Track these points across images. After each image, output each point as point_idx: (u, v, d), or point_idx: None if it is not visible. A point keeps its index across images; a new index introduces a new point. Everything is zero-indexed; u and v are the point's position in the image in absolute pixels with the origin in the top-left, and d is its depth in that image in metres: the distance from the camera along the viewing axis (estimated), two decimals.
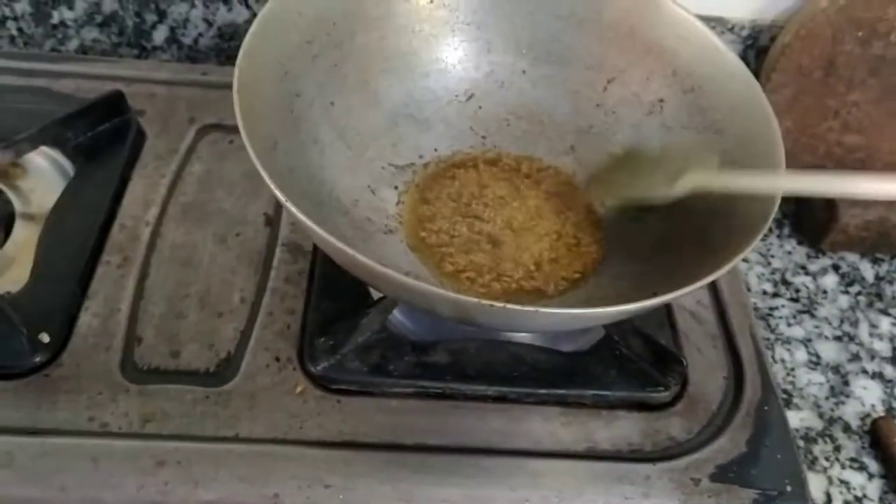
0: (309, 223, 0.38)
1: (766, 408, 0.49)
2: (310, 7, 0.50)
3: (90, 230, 0.52)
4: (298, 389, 0.47)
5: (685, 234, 0.49)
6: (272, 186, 0.39)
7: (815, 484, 0.52)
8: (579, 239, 0.53)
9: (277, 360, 0.48)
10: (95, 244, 0.52)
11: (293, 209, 0.38)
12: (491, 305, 0.37)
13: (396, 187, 0.54)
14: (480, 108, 0.57)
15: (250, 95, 0.44)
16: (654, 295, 0.40)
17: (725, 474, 0.46)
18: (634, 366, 0.49)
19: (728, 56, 0.51)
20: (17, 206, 0.54)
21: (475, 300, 0.37)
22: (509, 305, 0.37)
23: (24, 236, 0.53)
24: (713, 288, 0.55)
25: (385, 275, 0.38)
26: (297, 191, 0.43)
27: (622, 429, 0.48)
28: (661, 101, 0.54)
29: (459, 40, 0.57)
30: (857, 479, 0.53)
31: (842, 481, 0.53)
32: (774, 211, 0.43)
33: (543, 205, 0.54)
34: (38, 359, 0.46)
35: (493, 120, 0.57)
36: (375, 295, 0.50)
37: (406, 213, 0.53)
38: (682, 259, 0.46)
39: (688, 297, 0.54)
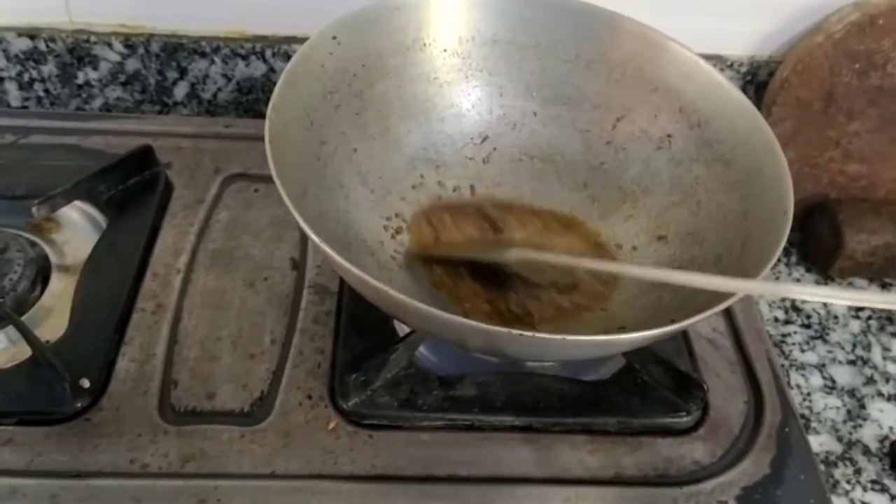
0: (346, 264, 0.40)
1: (786, 430, 0.51)
2: (331, 60, 0.53)
3: (124, 279, 0.54)
4: (331, 426, 0.48)
5: (700, 262, 0.50)
6: (308, 231, 0.41)
7: None
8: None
9: (309, 397, 0.50)
10: (130, 292, 0.54)
11: (331, 252, 0.40)
12: (520, 335, 0.38)
13: (416, 228, 0.56)
14: (495, 149, 0.60)
15: (280, 145, 0.46)
16: (673, 322, 0.41)
17: (752, 496, 0.47)
18: (656, 393, 0.50)
19: (732, 92, 0.53)
20: (53, 258, 0.56)
21: (505, 330, 0.38)
22: (538, 334, 0.38)
23: (61, 287, 0.55)
24: (728, 314, 0.57)
25: (417, 309, 0.39)
26: (327, 234, 0.45)
27: (647, 454, 0.49)
28: (669, 136, 0.56)
29: (472, 86, 0.59)
30: (879, 501, 0.54)
31: None
32: (786, 236, 0.44)
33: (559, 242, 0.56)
34: (79, 404, 0.48)
35: (507, 160, 0.60)
36: (401, 332, 0.52)
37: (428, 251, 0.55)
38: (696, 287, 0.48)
39: (704, 324, 0.55)
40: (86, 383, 0.48)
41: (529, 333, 0.38)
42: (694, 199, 0.54)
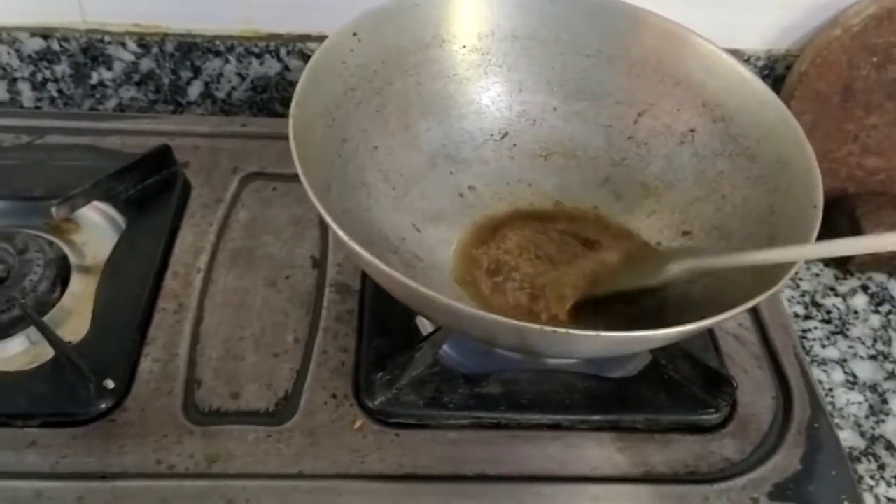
0: (376, 262, 0.39)
1: (816, 425, 0.50)
2: (352, 57, 0.52)
3: (145, 279, 0.54)
4: (357, 425, 0.48)
5: None
6: (336, 229, 0.41)
7: None
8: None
9: (334, 396, 0.49)
10: (151, 292, 0.54)
11: (359, 249, 0.40)
12: (554, 332, 0.38)
13: (438, 224, 0.56)
14: (515, 145, 0.59)
15: (304, 142, 0.45)
16: (703, 318, 0.41)
17: (783, 492, 0.47)
18: (684, 389, 0.50)
19: (756, 84, 0.53)
20: (73, 259, 0.56)
21: (538, 327, 0.38)
22: (572, 331, 0.38)
23: (81, 288, 0.54)
24: (754, 310, 0.56)
25: (448, 306, 0.39)
26: (351, 231, 0.45)
27: (677, 451, 0.48)
28: (693, 130, 0.56)
29: (492, 82, 0.59)
30: None
31: (889, 499, 0.53)
32: (816, 230, 0.44)
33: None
34: (104, 405, 0.47)
35: (527, 156, 0.59)
36: (424, 330, 0.52)
37: (452, 248, 0.55)
38: (725, 282, 0.47)
39: (730, 320, 0.55)
40: (110, 384, 0.48)
41: (563, 330, 0.38)
42: (719, 193, 0.53)
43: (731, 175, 0.53)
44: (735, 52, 0.69)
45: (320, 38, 0.51)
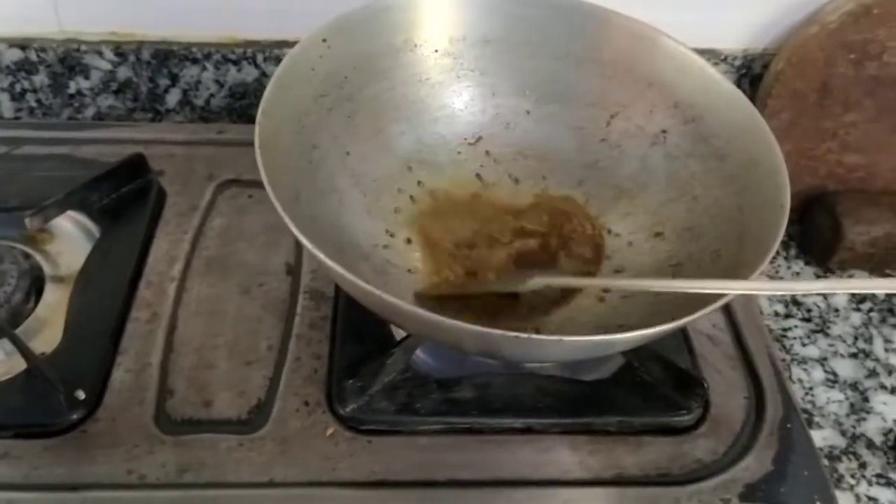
0: (339, 269, 0.39)
1: (788, 426, 0.50)
2: (321, 63, 0.52)
3: (118, 288, 0.54)
4: (329, 432, 0.48)
5: (697, 258, 0.50)
6: (301, 237, 0.41)
7: (844, 502, 0.52)
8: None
9: (307, 404, 0.49)
10: (124, 301, 0.54)
11: (323, 258, 0.40)
12: (516, 337, 0.38)
13: (410, 230, 0.56)
14: (488, 150, 0.59)
15: (271, 150, 0.45)
16: (673, 319, 0.41)
17: (755, 493, 0.47)
18: (656, 391, 0.50)
19: (725, 86, 0.53)
20: (47, 269, 0.56)
21: (500, 332, 0.38)
22: (535, 336, 0.38)
23: (55, 298, 0.54)
24: (727, 310, 0.56)
25: (413, 313, 0.39)
26: (321, 239, 0.45)
27: (649, 454, 0.48)
28: (665, 132, 0.56)
29: (465, 86, 0.59)
30: (885, 494, 0.54)
31: (870, 498, 0.53)
32: (783, 229, 0.44)
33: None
34: (75, 416, 0.47)
35: (501, 160, 0.59)
36: (398, 335, 0.51)
37: (421, 252, 0.55)
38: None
39: (703, 320, 0.55)
40: (81, 395, 0.48)
41: (526, 336, 0.38)
42: (690, 194, 0.53)
43: (703, 176, 0.53)
44: (711, 52, 0.70)
45: (296, 44, 0.51)
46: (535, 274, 0.49)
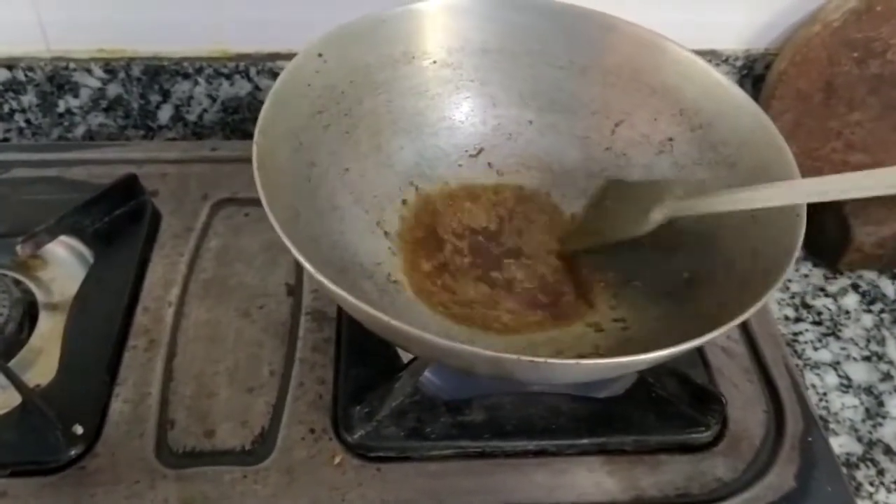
0: (340, 292, 0.38)
1: (809, 439, 0.49)
2: (318, 78, 0.51)
3: (114, 315, 0.53)
4: (336, 460, 0.47)
5: (710, 268, 0.49)
6: (300, 258, 0.39)
7: None
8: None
9: (312, 431, 0.48)
10: (121, 329, 0.52)
11: (324, 280, 0.38)
12: (531, 361, 0.37)
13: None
14: (490, 161, 0.58)
15: (269, 170, 0.44)
16: (689, 338, 0.39)
17: None
18: (672, 408, 0.49)
19: (732, 90, 0.52)
20: (40, 297, 0.54)
21: (515, 357, 0.37)
22: (550, 360, 0.37)
23: (49, 327, 0.53)
24: (742, 321, 0.55)
25: (420, 337, 0.37)
26: (322, 259, 0.43)
27: (667, 473, 0.47)
28: (671, 139, 0.54)
29: (464, 97, 0.57)
30: None
31: None
32: (801, 237, 0.43)
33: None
34: (73, 452, 0.46)
35: (504, 172, 0.58)
36: (405, 357, 0.50)
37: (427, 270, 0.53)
38: (712, 296, 0.46)
39: None
40: (79, 429, 0.46)
41: (541, 360, 0.37)
42: None
43: (712, 184, 0.52)
44: (712, 54, 0.69)
45: (290, 56, 0.50)
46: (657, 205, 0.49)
